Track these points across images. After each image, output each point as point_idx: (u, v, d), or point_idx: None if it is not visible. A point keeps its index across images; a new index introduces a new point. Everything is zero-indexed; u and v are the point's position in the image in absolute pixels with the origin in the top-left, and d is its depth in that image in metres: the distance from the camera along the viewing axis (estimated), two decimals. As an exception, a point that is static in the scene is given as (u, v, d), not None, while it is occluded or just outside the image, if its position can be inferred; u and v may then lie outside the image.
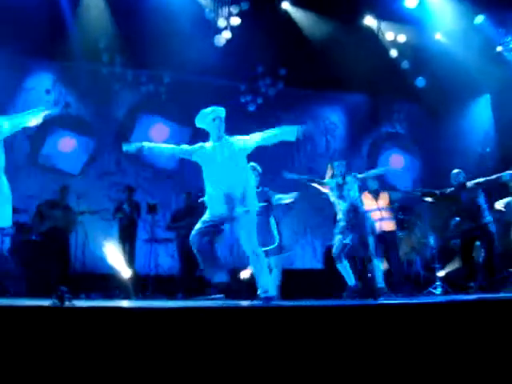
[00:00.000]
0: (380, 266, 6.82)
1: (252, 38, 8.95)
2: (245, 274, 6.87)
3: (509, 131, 10.45)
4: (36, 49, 8.81)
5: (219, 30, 9.16)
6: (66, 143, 9.62)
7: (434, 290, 8.23)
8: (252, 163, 6.25)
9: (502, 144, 10.74)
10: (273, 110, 10.37)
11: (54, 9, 8.61)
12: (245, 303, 4.62)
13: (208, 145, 4.98)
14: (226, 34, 9.17)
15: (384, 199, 7.75)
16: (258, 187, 6.18)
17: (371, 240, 6.48)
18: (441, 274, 8.59)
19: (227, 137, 4.95)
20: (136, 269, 8.20)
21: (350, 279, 6.40)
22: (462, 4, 9.58)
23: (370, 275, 6.61)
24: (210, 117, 4.99)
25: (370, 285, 6.64)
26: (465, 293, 7.22)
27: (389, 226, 7.67)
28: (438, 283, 8.30)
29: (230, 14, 9.06)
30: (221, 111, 5.06)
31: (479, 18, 9.96)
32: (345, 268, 6.42)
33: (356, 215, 6.45)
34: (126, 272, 7.77)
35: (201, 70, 9.21)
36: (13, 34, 8.30)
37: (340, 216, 6.56)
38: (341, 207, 6.55)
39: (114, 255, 7.88)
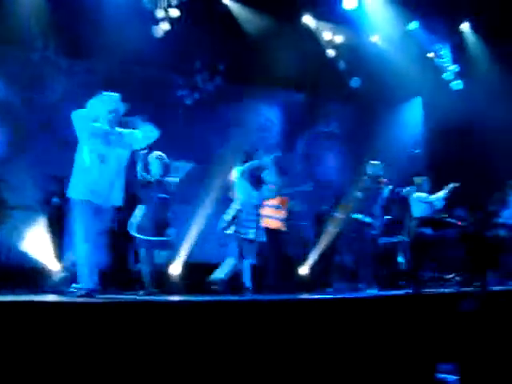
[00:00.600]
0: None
1: (191, 30, 8.87)
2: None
3: (437, 133, 10.87)
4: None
5: (157, 21, 9.00)
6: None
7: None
8: (157, 152, 6.24)
9: (431, 145, 11.17)
10: (210, 105, 10.32)
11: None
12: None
13: None
14: (165, 26, 9.01)
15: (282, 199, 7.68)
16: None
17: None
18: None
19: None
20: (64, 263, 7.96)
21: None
22: (397, 10, 9.86)
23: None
24: (109, 106, 4.99)
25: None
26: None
27: (276, 224, 7.52)
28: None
29: (170, 5, 8.90)
30: (121, 105, 5.10)
31: (413, 25, 10.31)
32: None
33: None
34: (53, 265, 7.54)
35: (137, 61, 9.05)
36: None
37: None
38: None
39: (41, 248, 7.64)
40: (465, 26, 10.77)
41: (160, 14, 8.92)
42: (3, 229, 7.82)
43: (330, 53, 10.65)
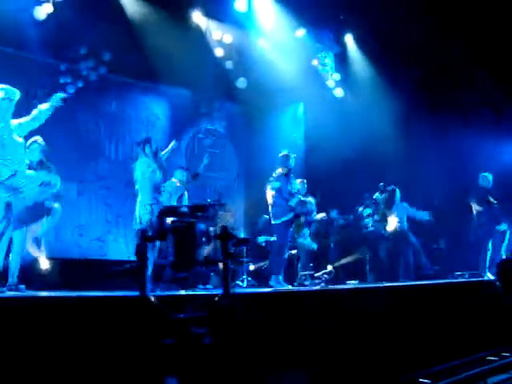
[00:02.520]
0: None
1: (77, 16, 8.51)
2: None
3: (314, 139, 11.32)
4: None
5: (40, 2, 8.53)
6: None
7: (240, 283, 8.67)
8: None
9: (307, 151, 11.59)
10: (93, 95, 9.99)
11: None
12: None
13: None
14: (48, 8, 8.55)
15: None
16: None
17: None
18: (251, 267, 9.12)
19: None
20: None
21: None
22: (286, 16, 10.15)
23: None
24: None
25: None
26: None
27: None
28: (244, 276, 8.79)
29: (54, -13, 8.48)
30: (13, 93, 4.96)
31: (300, 32, 10.66)
32: None
33: None
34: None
35: (17, 43, 8.54)
36: None
37: None
38: None
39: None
40: (348, 37, 11.33)
41: (43, -6, 8.46)
42: None
43: (218, 52, 10.71)
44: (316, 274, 8.53)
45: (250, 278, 8.93)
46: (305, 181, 8.82)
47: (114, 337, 3.32)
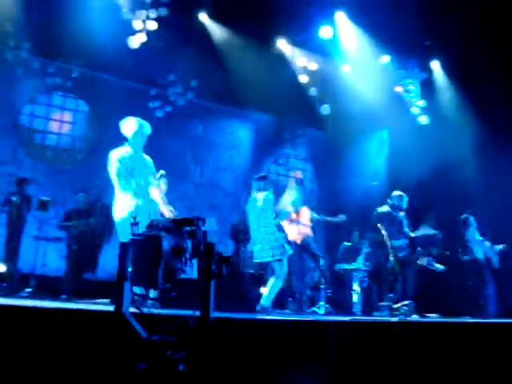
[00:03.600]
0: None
1: (167, 44, 8.94)
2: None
3: (398, 167, 11.07)
4: None
5: (134, 32, 9.04)
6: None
7: (317, 310, 8.52)
8: (162, 171, 6.31)
9: (390, 178, 11.36)
10: (180, 120, 10.39)
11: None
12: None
13: (126, 153, 5.15)
14: (141, 37, 9.06)
15: (305, 215, 7.86)
16: None
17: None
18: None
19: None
20: (19, 266, 7.83)
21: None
22: (371, 42, 10.13)
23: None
24: (136, 128, 5.09)
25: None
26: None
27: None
28: (321, 303, 8.62)
29: (148, 18, 8.97)
30: (147, 128, 5.29)
31: (385, 58, 10.58)
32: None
33: None
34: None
35: (112, 68, 9.08)
36: None
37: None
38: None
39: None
40: (435, 64, 11.13)
41: (137, 25, 8.96)
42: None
43: (303, 78, 10.84)
44: (395, 306, 8.26)
45: (327, 305, 8.76)
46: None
47: (83, 354, 3.14)
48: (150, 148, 9.18)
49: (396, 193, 8.19)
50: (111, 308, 3.16)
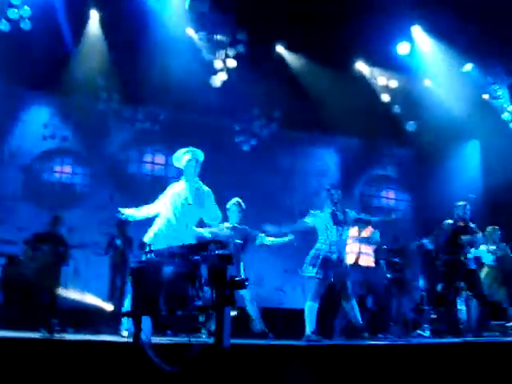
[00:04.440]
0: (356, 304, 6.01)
1: (247, 79, 9.16)
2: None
3: (495, 177, 10.58)
4: (34, 81, 8.98)
5: (216, 71, 9.38)
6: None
7: (422, 332, 8.23)
8: (237, 199, 6.40)
9: (488, 190, 10.85)
10: (266, 151, 10.55)
11: (55, 43, 8.77)
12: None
13: (179, 184, 5.19)
14: (222, 76, 9.39)
15: (366, 232, 7.68)
16: (239, 223, 6.43)
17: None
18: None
19: (197, 179, 5.18)
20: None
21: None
22: (451, 52, 9.88)
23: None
24: (186, 157, 5.15)
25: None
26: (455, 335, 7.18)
27: (367, 261, 7.51)
28: (426, 325, 8.33)
29: (227, 56, 9.28)
30: (199, 154, 5.23)
31: (468, 66, 10.27)
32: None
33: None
34: (108, 307, 7.77)
35: (196, 108, 9.43)
36: (12, 64, 8.48)
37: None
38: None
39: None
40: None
41: (218, 64, 9.31)
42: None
43: (385, 98, 10.72)
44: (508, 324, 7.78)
45: (431, 327, 8.43)
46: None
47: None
48: (240, 180, 9.48)
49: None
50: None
